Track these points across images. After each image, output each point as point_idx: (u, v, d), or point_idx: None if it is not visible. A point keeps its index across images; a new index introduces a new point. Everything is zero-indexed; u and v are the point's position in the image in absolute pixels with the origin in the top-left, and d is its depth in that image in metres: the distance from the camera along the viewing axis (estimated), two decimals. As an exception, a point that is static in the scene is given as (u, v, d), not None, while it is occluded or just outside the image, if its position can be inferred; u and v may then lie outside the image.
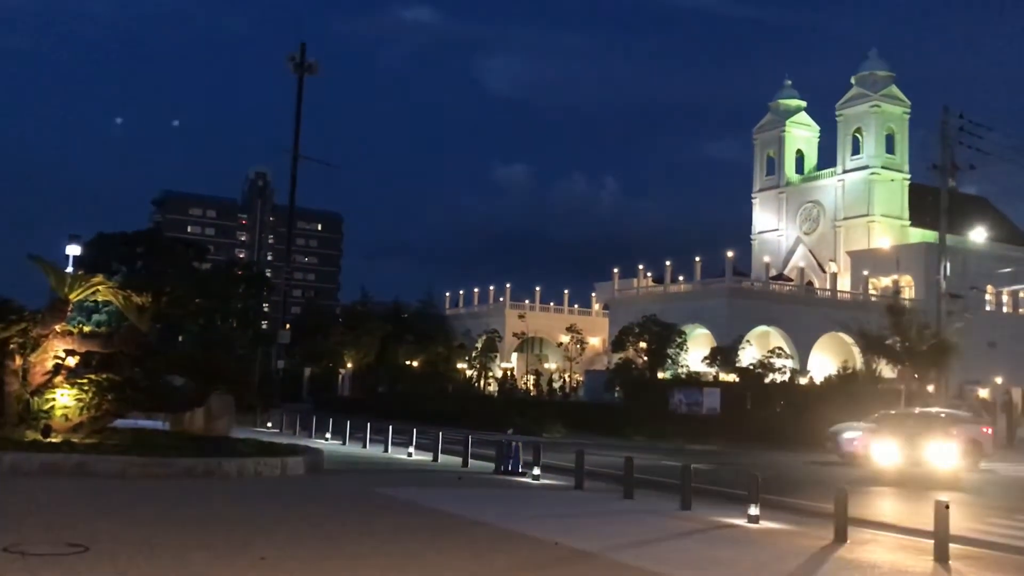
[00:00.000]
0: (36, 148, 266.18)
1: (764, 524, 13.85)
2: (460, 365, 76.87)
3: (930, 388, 41.83)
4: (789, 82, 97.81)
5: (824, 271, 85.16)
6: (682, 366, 50.26)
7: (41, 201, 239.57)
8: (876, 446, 25.44)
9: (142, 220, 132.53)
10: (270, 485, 16.15)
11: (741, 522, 13.94)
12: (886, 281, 73.95)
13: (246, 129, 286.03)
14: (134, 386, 19.08)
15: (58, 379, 18.54)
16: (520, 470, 20.46)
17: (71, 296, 18.89)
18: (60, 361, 18.86)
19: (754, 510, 14.10)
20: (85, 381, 18.41)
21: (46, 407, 18.03)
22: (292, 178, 42.36)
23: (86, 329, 20.72)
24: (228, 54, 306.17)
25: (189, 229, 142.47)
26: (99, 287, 19.41)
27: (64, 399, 18.17)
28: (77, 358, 19.37)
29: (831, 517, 13.00)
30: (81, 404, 18.23)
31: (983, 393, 67.59)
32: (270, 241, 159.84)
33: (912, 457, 24.55)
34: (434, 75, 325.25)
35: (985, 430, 28.49)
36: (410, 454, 24.75)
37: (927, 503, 13.68)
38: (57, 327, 18.69)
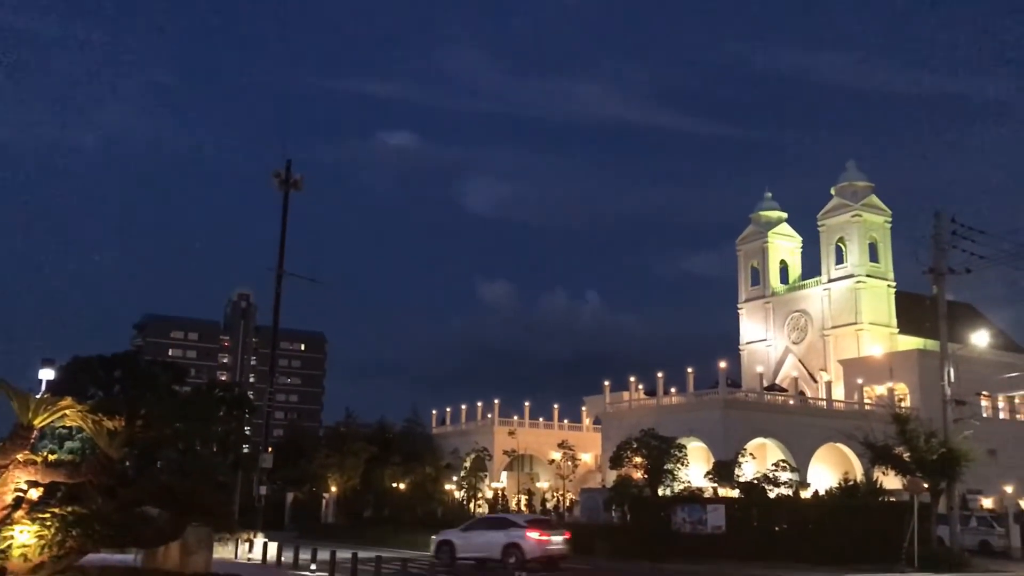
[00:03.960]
0: (12, 275, 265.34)
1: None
2: (448, 486, 74.33)
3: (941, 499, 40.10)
4: (769, 194, 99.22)
5: (815, 380, 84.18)
6: (682, 482, 48.37)
7: (19, 328, 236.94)
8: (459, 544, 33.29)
9: (123, 345, 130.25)
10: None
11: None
12: (880, 389, 72.88)
13: (229, 252, 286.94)
14: (103, 520, 17.34)
15: (18, 514, 16.81)
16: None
17: (35, 422, 17.31)
18: (22, 494, 17.16)
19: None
20: (48, 515, 16.67)
21: (3, 547, 16.25)
22: (276, 296, 41.31)
23: (51, 457, 19.03)
24: (211, 179, 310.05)
25: (171, 352, 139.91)
26: (67, 411, 17.88)
27: (23, 536, 16.42)
28: (41, 490, 17.69)
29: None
30: (43, 542, 16.45)
31: (987, 503, 65.84)
32: (252, 363, 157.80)
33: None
34: (416, 196, 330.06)
35: (529, 535, 31.81)
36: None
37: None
38: (19, 456, 17.08)
